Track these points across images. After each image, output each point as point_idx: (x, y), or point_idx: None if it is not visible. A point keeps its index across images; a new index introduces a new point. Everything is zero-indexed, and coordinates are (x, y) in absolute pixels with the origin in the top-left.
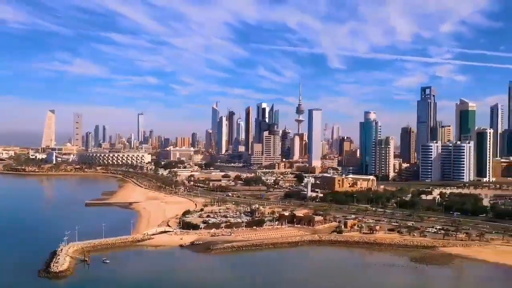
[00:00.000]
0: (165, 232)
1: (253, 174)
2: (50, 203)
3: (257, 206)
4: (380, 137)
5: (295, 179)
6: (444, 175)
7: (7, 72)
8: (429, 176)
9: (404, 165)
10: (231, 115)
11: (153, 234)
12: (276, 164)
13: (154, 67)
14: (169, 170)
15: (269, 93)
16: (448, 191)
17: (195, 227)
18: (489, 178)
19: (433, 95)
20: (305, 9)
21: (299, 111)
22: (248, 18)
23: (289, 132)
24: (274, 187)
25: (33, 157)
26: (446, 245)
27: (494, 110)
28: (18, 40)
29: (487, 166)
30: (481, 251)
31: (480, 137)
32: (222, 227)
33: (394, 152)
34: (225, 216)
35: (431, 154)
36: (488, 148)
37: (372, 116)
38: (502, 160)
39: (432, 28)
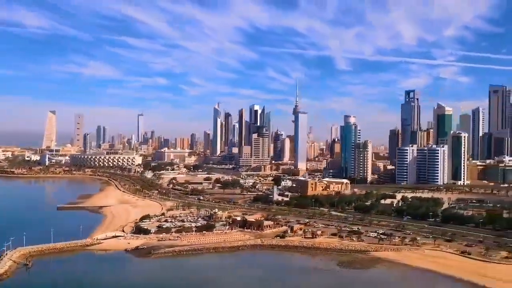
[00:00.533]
0: (116, 237)
1: (233, 177)
2: (22, 206)
3: (215, 210)
4: (359, 140)
5: (273, 182)
6: (419, 178)
7: (23, 73)
8: (405, 179)
9: (390, 167)
10: (227, 116)
11: (103, 239)
12: (263, 166)
13: (165, 69)
14: (154, 172)
15: (277, 94)
16: (410, 195)
17: (146, 232)
18: (463, 181)
19: (417, 98)
20: (314, 15)
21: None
22: (258, 23)
23: (281, 134)
24: (250, 190)
25: (28, 158)
26: (379, 249)
27: (475, 114)
28: (37, 44)
29: (462, 169)
30: (408, 256)
31: (456, 141)
32: (172, 232)
33: (384, 154)
34: (182, 221)
35: (407, 158)
36: (463, 151)
37: (352, 120)
38: (478, 163)
39: (436, 33)
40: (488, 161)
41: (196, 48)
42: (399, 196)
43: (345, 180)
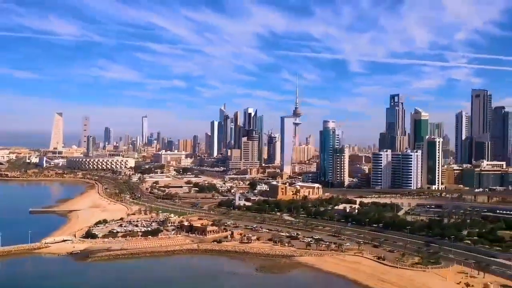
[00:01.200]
0: (64, 241)
1: (210, 181)
2: None
3: (172, 215)
4: (337, 145)
5: (249, 186)
6: (394, 182)
7: (47, 76)
8: (379, 183)
9: None
10: (225, 118)
11: (52, 243)
12: (249, 169)
13: (183, 72)
14: (139, 176)
15: (291, 95)
16: (371, 200)
17: (93, 236)
18: (438, 185)
19: (401, 103)
20: (329, 21)
21: (295, 114)
22: (275, 29)
23: (274, 137)
24: (223, 195)
25: (29, 161)
26: (304, 254)
27: (458, 118)
28: (65, 50)
29: (436, 174)
30: (327, 261)
31: (431, 146)
32: (119, 237)
33: None
34: (136, 225)
35: (381, 162)
36: (437, 156)
37: (331, 125)
38: (455, 167)
39: (448, 36)
40: (465, 165)
41: (214, 52)
42: (361, 200)
43: (316, 185)
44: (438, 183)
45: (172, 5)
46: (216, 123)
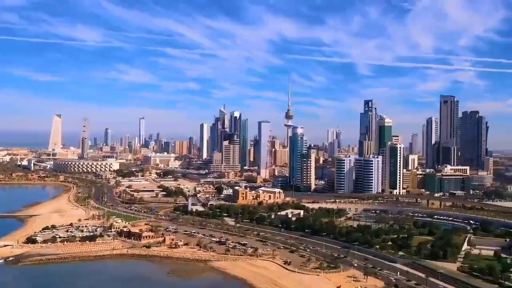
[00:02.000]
0: (5, 246)
1: (178, 186)
2: None
3: (118, 220)
4: (305, 150)
5: (215, 190)
6: (356, 187)
7: (66, 79)
8: (342, 188)
9: None
10: (217, 121)
11: None
12: (226, 173)
13: (198, 75)
14: (115, 180)
15: (300, 96)
16: (318, 205)
17: (33, 241)
18: (399, 190)
19: (375, 108)
20: (339, 29)
21: (288, 116)
22: (287, 36)
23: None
24: (187, 199)
25: (20, 163)
26: (220, 259)
27: (428, 123)
28: (87, 54)
29: (398, 179)
30: (238, 265)
31: (393, 151)
32: (58, 242)
33: None
34: (82, 231)
35: (344, 168)
36: (399, 161)
37: (299, 130)
38: (418, 172)
39: (451, 42)
40: (428, 170)
41: (228, 56)
42: (312, 205)
43: (277, 190)
44: (399, 187)
45: (192, 13)
46: (205, 126)
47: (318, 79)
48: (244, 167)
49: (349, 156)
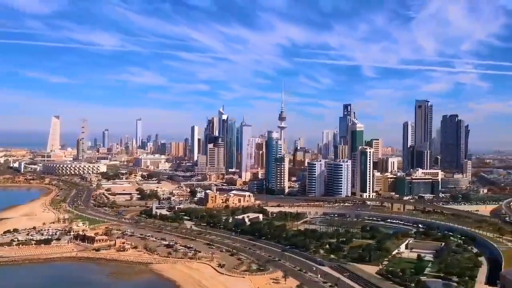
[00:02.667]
0: None
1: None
2: None
3: (79, 224)
4: (280, 154)
5: (190, 194)
6: (327, 190)
7: (78, 81)
8: (313, 191)
9: None
10: (209, 123)
11: None
12: (208, 176)
13: (208, 77)
14: (97, 183)
15: (305, 97)
16: (277, 209)
17: None
18: (369, 193)
19: (354, 112)
20: (346, 34)
21: (281, 118)
22: (296, 41)
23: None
24: (161, 202)
25: (12, 165)
26: (161, 262)
27: (405, 127)
28: (102, 58)
29: (368, 182)
30: (175, 268)
31: (363, 155)
32: (13, 245)
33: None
34: (42, 234)
35: (315, 171)
36: (368, 165)
37: (274, 135)
38: (390, 176)
39: (454, 47)
40: (399, 173)
41: (238, 60)
42: (272, 209)
43: (247, 193)
44: (369, 191)
45: (207, 20)
46: (196, 128)
47: (324, 81)
48: (230, 170)
49: (320, 160)
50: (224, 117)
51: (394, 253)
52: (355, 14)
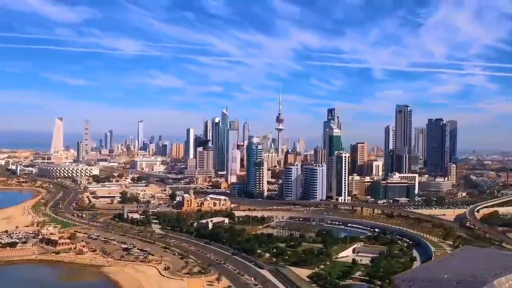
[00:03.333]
0: None
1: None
2: None
3: (50, 227)
4: (259, 159)
5: (169, 197)
6: (303, 194)
7: (99, 84)
8: (290, 195)
9: None
10: (205, 125)
11: None
12: (195, 179)
13: (223, 80)
14: (84, 186)
15: (317, 99)
16: (249, 213)
17: None
18: (344, 197)
19: (337, 116)
20: (358, 39)
21: (278, 120)
22: (310, 45)
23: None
24: (140, 205)
25: (9, 168)
26: (112, 264)
27: (386, 131)
28: (123, 62)
29: (343, 186)
30: (124, 271)
31: (339, 160)
32: None
33: None
34: (11, 237)
35: (291, 175)
36: (344, 169)
37: (255, 140)
38: (366, 180)
39: (463, 51)
40: (375, 177)
41: (253, 63)
42: (240, 213)
43: (222, 197)
44: (344, 195)
45: (226, 27)
46: (191, 130)
47: (335, 83)
48: (220, 173)
49: (297, 165)
50: (217, 119)
51: (339, 256)
52: (366, 21)
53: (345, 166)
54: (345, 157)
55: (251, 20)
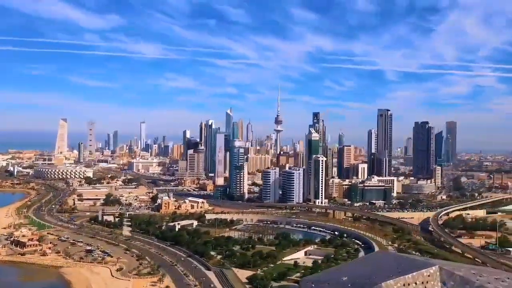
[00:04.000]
0: None
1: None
2: None
3: (23, 230)
4: (241, 162)
5: (151, 200)
6: (282, 197)
7: (115, 85)
8: (268, 198)
9: None
10: (200, 126)
11: None
12: (184, 181)
13: (237, 81)
14: (73, 188)
15: (330, 99)
16: (214, 216)
17: None
18: (321, 199)
19: (322, 120)
20: (370, 43)
21: (277, 121)
22: (323, 49)
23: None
24: (121, 208)
25: (8, 169)
26: (71, 265)
27: (369, 135)
28: (142, 65)
29: (320, 189)
30: (79, 272)
31: (316, 164)
32: None
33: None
34: None
35: (270, 179)
36: (321, 173)
37: (237, 143)
38: (344, 183)
39: (472, 53)
40: (353, 180)
41: (267, 65)
42: (211, 216)
43: (200, 200)
44: (321, 197)
45: (243, 32)
46: (188, 132)
47: (347, 84)
48: (210, 175)
49: (274, 168)
50: (211, 122)
51: (287, 259)
52: (379, 26)
53: (322, 170)
54: (322, 160)
55: (269, 26)
